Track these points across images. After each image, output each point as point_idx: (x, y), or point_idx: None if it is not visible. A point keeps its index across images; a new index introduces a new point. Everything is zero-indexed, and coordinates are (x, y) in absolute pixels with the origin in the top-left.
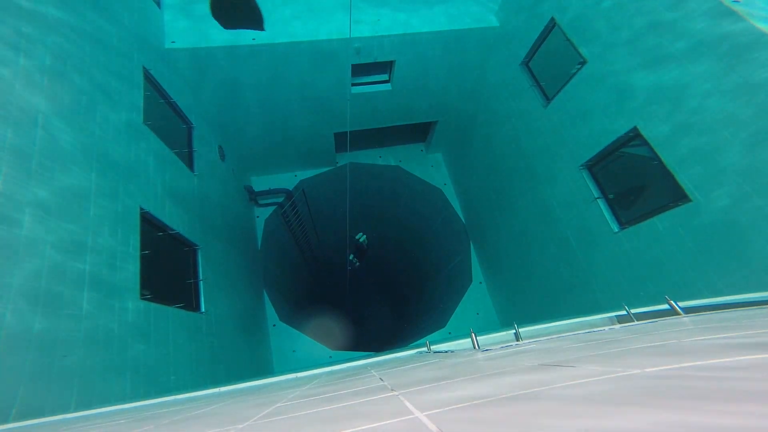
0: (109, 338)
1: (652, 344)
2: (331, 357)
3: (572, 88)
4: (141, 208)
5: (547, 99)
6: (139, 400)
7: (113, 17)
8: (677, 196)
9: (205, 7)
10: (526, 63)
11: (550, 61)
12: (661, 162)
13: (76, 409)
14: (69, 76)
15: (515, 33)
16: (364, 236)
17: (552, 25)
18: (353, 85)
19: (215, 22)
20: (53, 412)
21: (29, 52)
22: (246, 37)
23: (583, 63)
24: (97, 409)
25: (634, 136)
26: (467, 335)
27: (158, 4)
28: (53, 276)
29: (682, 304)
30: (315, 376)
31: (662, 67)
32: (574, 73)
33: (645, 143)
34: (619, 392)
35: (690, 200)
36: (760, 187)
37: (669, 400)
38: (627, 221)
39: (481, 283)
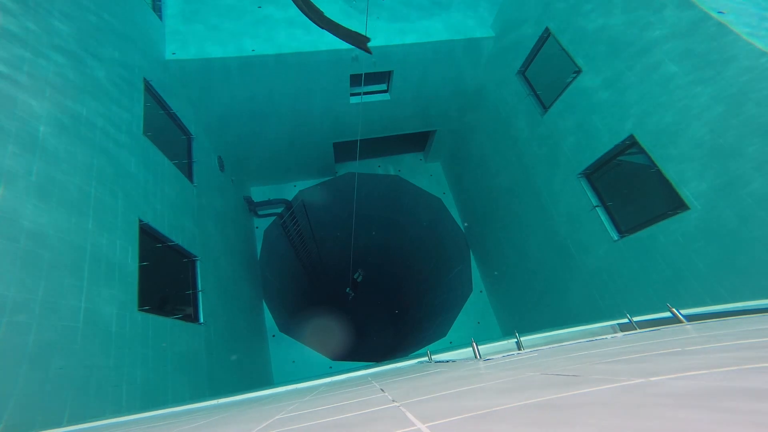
0: (106, 350)
1: (656, 352)
2: (331, 367)
3: (568, 96)
4: (140, 220)
5: (544, 108)
6: (135, 413)
7: (115, 29)
8: (676, 204)
9: (206, 19)
10: (522, 72)
11: (546, 70)
12: (658, 170)
13: (69, 423)
14: (70, 87)
15: (511, 43)
16: (361, 275)
17: (547, 34)
18: (352, 95)
19: (216, 34)
20: (45, 427)
21: (32, 63)
22: (246, 48)
23: (579, 72)
24: (92, 423)
25: (631, 144)
26: (468, 344)
27: (160, 16)
28: (50, 288)
29: (684, 311)
30: (315, 387)
31: (658, 75)
32: (570, 82)
33: (642, 151)
34: (624, 402)
35: (688, 208)
36: (757, 195)
37: (673, 409)
38: (626, 229)
39: (481, 291)
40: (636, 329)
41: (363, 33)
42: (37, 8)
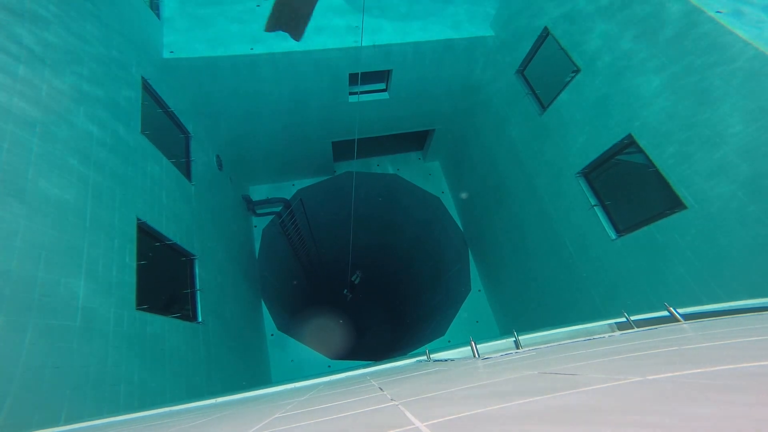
0: (104, 349)
1: (653, 351)
2: (329, 366)
3: (567, 96)
4: (138, 219)
5: (543, 107)
6: (132, 412)
7: (113, 28)
8: (673, 203)
9: (204, 18)
10: (521, 71)
11: (545, 69)
12: (656, 169)
13: (67, 423)
14: (67, 85)
15: (510, 42)
16: (359, 277)
17: (546, 34)
18: (351, 94)
19: (214, 32)
20: (41, 426)
21: (29, 61)
22: (244, 47)
23: (577, 71)
24: (89, 422)
25: (629, 144)
26: (467, 343)
27: (158, 15)
28: (47, 285)
29: (681, 310)
30: (313, 386)
31: (656, 74)
32: (569, 81)
33: (640, 150)
34: (621, 400)
35: (685, 207)
36: (754, 194)
37: (671, 407)
38: (624, 228)
39: (480, 290)
40: (634, 328)
41: (360, 31)
42: (33, 7)
